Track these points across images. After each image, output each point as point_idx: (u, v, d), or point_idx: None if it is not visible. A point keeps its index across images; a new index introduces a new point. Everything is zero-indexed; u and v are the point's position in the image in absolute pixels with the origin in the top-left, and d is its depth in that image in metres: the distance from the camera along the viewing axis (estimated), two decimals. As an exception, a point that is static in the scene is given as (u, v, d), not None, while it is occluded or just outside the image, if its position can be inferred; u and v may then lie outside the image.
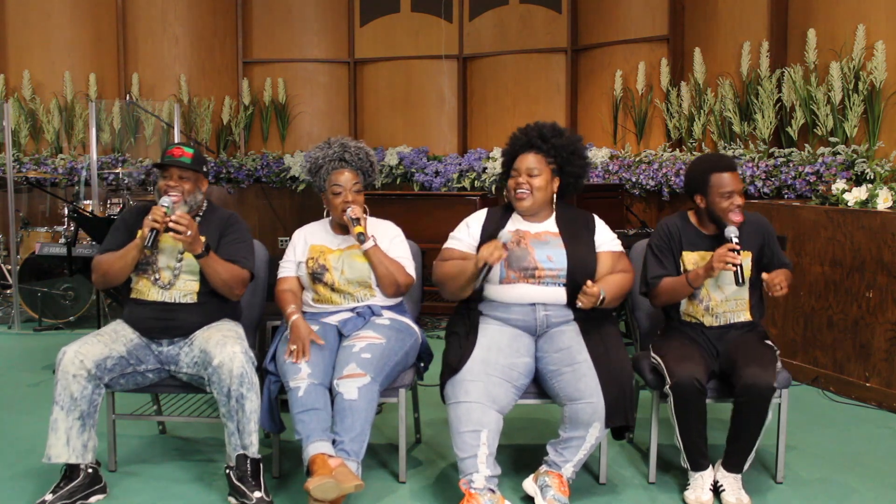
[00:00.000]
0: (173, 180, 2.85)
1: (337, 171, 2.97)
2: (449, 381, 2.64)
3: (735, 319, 2.84)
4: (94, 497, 2.69)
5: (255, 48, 7.56)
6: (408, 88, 7.45)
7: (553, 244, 2.80)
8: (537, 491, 2.62)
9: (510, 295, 2.79)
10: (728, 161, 2.85)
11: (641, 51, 6.29)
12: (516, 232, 2.84)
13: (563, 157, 2.85)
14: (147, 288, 2.85)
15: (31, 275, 5.37)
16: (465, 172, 6.51)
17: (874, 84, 4.36)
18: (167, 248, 2.85)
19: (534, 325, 2.78)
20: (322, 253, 2.95)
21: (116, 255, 2.83)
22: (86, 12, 7.06)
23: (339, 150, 2.99)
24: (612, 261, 2.84)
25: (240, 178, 7.18)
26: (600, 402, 2.54)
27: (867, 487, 2.84)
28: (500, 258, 2.67)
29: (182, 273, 2.84)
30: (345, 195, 2.93)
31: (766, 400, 2.58)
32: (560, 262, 2.76)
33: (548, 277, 2.76)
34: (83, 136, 7.00)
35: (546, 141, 2.85)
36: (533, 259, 2.77)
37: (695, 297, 2.86)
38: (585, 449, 2.59)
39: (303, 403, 2.58)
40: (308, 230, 3.08)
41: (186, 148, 2.88)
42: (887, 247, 3.65)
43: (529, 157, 2.84)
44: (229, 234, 2.93)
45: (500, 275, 2.78)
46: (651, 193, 5.95)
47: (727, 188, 2.76)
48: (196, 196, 2.90)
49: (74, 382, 2.63)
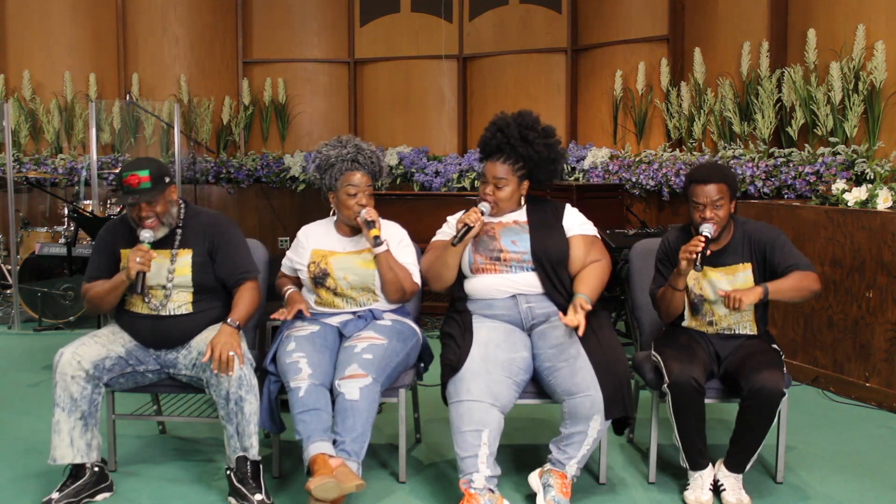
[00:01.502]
0: (144, 211, 2.70)
1: (350, 172, 2.91)
2: (450, 380, 2.64)
3: (740, 331, 2.82)
4: (100, 495, 2.70)
5: (255, 48, 7.56)
6: (408, 88, 7.45)
7: (518, 231, 2.86)
8: (540, 487, 2.63)
9: (486, 288, 2.83)
10: (711, 173, 2.74)
11: (641, 51, 6.29)
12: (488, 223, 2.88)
13: (532, 164, 2.86)
14: (139, 303, 2.79)
15: (31, 275, 5.36)
16: (465, 172, 6.51)
17: (874, 84, 4.35)
18: (155, 267, 2.72)
19: (519, 317, 2.81)
20: (324, 257, 2.92)
21: (104, 289, 2.75)
22: (86, 12, 7.06)
23: (353, 152, 2.93)
24: (584, 245, 2.85)
25: (240, 178, 7.18)
26: (598, 394, 2.55)
27: (867, 487, 2.84)
28: (478, 220, 2.77)
29: (174, 289, 2.78)
30: (360, 197, 2.89)
31: (775, 404, 2.58)
32: (524, 246, 2.81)
33: (513, 261, 2.81)
34: (83, 136, 7.00)
35: (514, 149, 2.84)
36: (499, 243, 2.83)
37: (697, 312, 2.84)
38: (588, 444, 2.59)
39: (303, 404, 2.58)
40: (312, 230, 3.04)
41: (140, 172, 2.66)
42: (887, 247, 3.65)
43: (497, 167, 2.86)
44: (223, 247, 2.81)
45: (469, 261, 2.84)
46: (651, 193, 5.95)
47: (698, 199, 2.72)
48: (171, 211, 2.76)
49: (73, 383, 2.63)
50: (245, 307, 2.77)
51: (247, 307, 2.78)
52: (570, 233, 2.88)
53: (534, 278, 2.80)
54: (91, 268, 2.85)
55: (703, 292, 2.80)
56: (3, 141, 6.05)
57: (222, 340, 2.61)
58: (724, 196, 2.72)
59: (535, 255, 2.80)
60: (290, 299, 2.94)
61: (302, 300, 2.93)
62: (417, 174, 6.66)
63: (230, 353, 2.58)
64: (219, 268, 2.81)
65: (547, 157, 2.87)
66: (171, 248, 2.78)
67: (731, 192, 2.76)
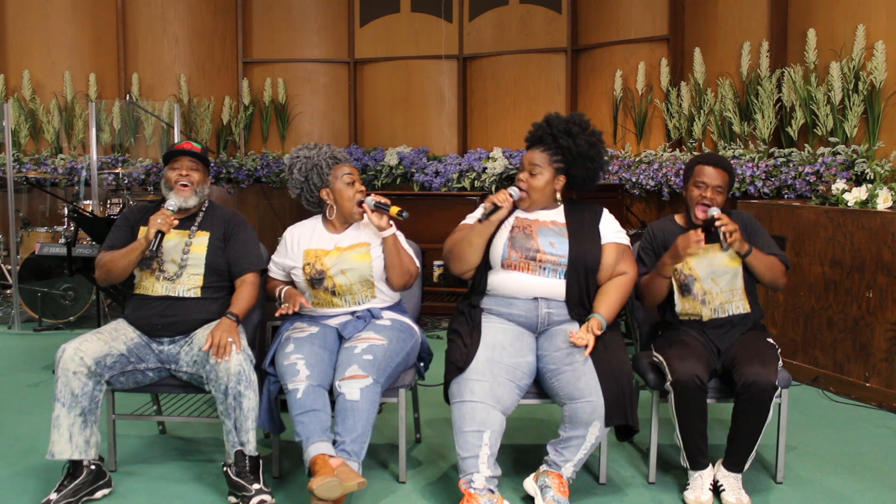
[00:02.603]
0: (184, 170, 2.90)
1: (337, 165, 2.96)
2: (454, 380, 2.64)
3: (734, 311, 2.85)
4: (99, 492, 2.70)
5: (255, 48, 7.56)
6: (408, 88, 7.44)
7: (558, 233, 2.82)
8: (537, 491, 2.62)
9: (511, 285, 2.79)
10: (718, 159, 2.88)
11: (641, 51, 6.29)
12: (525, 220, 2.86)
13: (570, 158, 2.83)
14: (151, 283, 2.86)
15: (31, 275, 5.37)
16: (465, 172, 6.51)
17: (874, 84, 4.36)
18: (173, 242, 2.89)
19: (535, 321, 2.78)
20: (318, 257, 2.92)
21: (120, 254, 2.85)
22: (86, 12, 7.05)
23: (329, 150, 2.99)
24: (616, 254, 2.83)
25: (240, 178, 7.18)
26: (600, 400, 2.54)
27: (867, 487, 2.84)
28: (507, 200, 2.77)
29: (188, 265, 2.87)
30: (358, 185, 2.95)
31: (768, 398, 2.59)
32: (562, 250, 2.77)
33: (548, 263, 2.76)
34: (83, 136, 7.00)
35: (555, 139, 2.83)
36: (536, 243, 2.78)
37: (688, 293, 2.88)
38: (585, 448, 2.59)
39: (302, 405, 2.58)
40: (298, 232, 3.02)
41: (195, 143, 2.97)
42: (887, 247, 3.65)
43: (535, 154, 2.86)
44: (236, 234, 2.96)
45: (502, 255, 2.79)
46: (651, 193, 5.95)
47: (702, 178, 2.84)
48: (204, 189, 2.96)
49: (75, 379, 2.64)
50: (244, 301, 2.87)
51: (246, 301, 2.87)
52: (604, 240, 2.84)
53: (561, 287, 2.77)
54: (110, 238, 2.97)
55: (693, 272, 2.85)
56: (3, 141, 6.06)
57: (221, 329, 2.71)
58: (725, 185, 2.85)
59: (572, 261, 2.76)
60: (287, 294, 2.93)
61: (300, 293, 2.93)
62: (417, 174, 6.66)
63: (228, 340, 2.66)
64: (229, 251, 2.92)
65: (587, 154, 2.82)
66: (191, 228, 2.93)
67: (730, 184, 2.89)
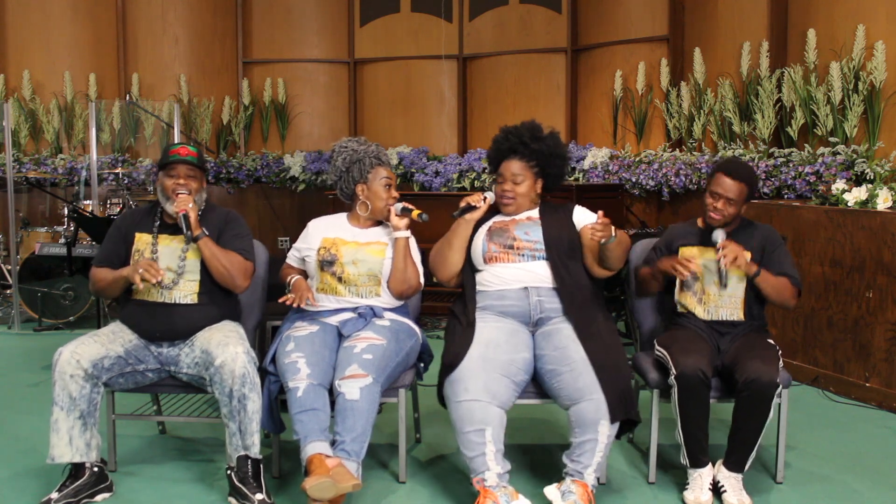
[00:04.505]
0: (181, 178, 2.87)
1: (379, 166, 3.04)
2: (447, 379, 2.65)
3: (727, 317, 2.87)
4: (100, 495, 2.69)
5: (255, 48, 7.56)
6: (408, 88, 7.45)
7: (531, 224, 2.96)
8: (558, 495, 2.53)
9: (499, 277, 2.86)
10: (737, 169, 2.89)
11: (641, 51, 6.29)
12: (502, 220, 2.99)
13: (544, 160, 3.00)
14: (147, 289, 2.83)
15: (31, 275, 5.37)
16: (465, 172, 6.51)
17: (874, 84, 4.36)
18: (169, 250, 2.86)
19: (528, 310, 2.83)
20: (335, 244, 2.98)
21: (109, 279, 2.84)
22: (86, 12, 7.05)
23: (376, 150, 3.08)
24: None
25: (240, 178, 7.18)
26: (601, 396, 2.54)
27: (867, 487, 2.84)
28: (480, 200, 2.92)
29: (185, 272, 2.85)
30: (392, 189, 3.05)
31: (769, 396, 2.60)
32: (536, 236, 2.91)
33: (525, 249, 2.88)
34: (83, 136, 7.00)
35: (527, 146, 2.98)
36: (512, 233, 2.93)
37: (688, 288, 2.93)
38: (601, 451, 2.55)
39: (301, 404, 2.58)
40: (322, 222, 3.12)
41: (191, 147, 2.93)
42: (887, 247, 3.65)
43: (513, 164, 3.00)
44: (229, 229, 2.95)
45: (482, 250, 2.92)
46: (651, 193, 5.94)
47: (717, 188, 2.87)
48: (202, 194, 2.94)
49: (72, 382, 2.63)
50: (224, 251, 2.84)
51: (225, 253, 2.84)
52: (579, 225, 2.95)
53: (545, 269, 2.86)
54: (101, 252, 2.94)
55: (698, 270, 2.88)
56: (3, 141, 6.06)
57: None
58: (741, 197, 2.87)
59: (547, 243, 2.88)
60: (295, 285, 2.96)
61: (308, 287, 2.96)
62: (417, 174, 6.66)
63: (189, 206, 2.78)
64: (221, 243, 2.88)
65: (556, 153, 3.02)
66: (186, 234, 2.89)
67: (749, 195, 2.91)
